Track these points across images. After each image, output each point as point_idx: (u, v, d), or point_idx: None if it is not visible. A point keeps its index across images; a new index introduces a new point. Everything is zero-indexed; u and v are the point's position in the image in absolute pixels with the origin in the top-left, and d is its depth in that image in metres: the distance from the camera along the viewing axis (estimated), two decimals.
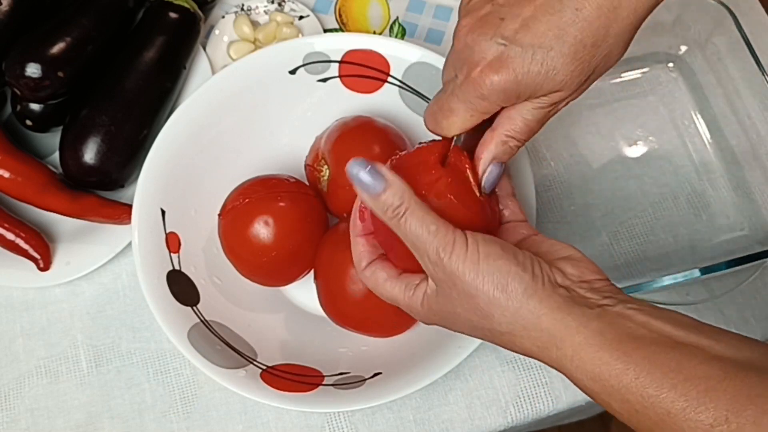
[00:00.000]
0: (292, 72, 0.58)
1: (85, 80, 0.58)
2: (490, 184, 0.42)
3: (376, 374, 0.51)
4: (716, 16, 0.59)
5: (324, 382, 0.51)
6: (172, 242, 0.54)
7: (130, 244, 0.57)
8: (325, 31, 0.68)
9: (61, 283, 0.59)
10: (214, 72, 0.64)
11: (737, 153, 0.62)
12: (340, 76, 0.58)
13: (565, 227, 0.61)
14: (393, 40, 0.57)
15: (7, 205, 0.60)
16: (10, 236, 0.57)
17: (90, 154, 0.57)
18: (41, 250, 0.58)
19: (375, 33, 0.69)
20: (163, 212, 0.54)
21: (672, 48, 0.65)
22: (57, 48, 0.56)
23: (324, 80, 0.58)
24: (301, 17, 0.68)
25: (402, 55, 0.57)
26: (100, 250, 0.59)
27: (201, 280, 0.54)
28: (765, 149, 0.59)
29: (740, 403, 0.31)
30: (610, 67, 0.39)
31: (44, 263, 0.58)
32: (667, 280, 0.52)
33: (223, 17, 0.68)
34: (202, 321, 0.52)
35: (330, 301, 0.53)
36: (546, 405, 0.57)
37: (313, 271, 0.54)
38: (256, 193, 0.53)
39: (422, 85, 0.57)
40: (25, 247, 0.57)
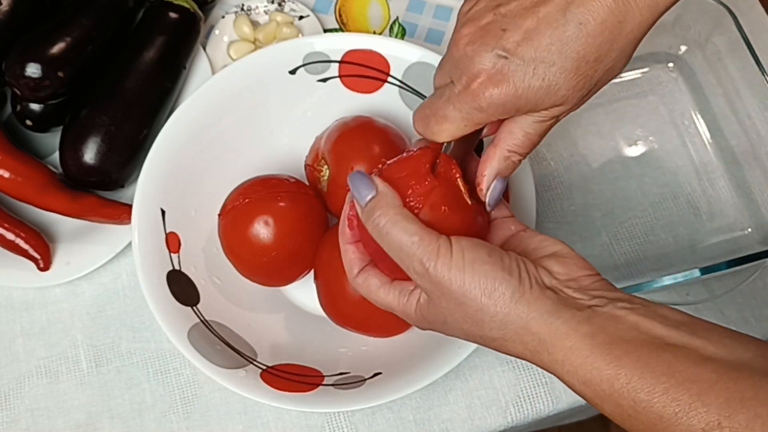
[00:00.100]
0: (292, 72, 0.58)
1: (85, 80, 0.58)
2: (494, 200, 0.41)
3: (376, 374, 0.51)
4: (716, 16, 0.59)
5: (324, 382, 0.51)
6: (172, 242, 0.54)
7: (130, 244, 0.57)
8: (325, 31, 0.68)
9: (61, 283, 0.59)
10: (214, 72, 0.64)
11: (737, 153, 0.62)
12: (340, 76, 0.58)
13: (565, 227, 0.61)
14: (393, 40, 0.57)
15: (7, 205, 0.60)
16: (10, 236, 0.57)
17: (90, 154, 0.57)
18: (41, 250, 0.58)
19: (375, 33, 0.69)
20: (163, 212, 0.54)
21: (672, 48, 0.65)
22: (57, 48, 0.56)
23: (324, 80, 0.58)
24: (301, 17, 0.68)
25: (402, 55, 0.57)
26: (100, 250, 0.59)
27: (201, 280, 0.54)
28: (765, 149, 0.59)
29: (732, 407, 0.31)
30: (611, 79, 0.38)
31: (44, 263, 0.58)
32: (667, 280, 0.52)
33: (223, 17, 0.68)
34: (202, 321, 0.52)
35: (330, 301, 0.53)
36: (546, 405, 0.57)
37: (313, 271, 0.54)
38: (256, 193, 0.53)
39: (422, 85, 0.57)
40: (25, 247, 0.57)
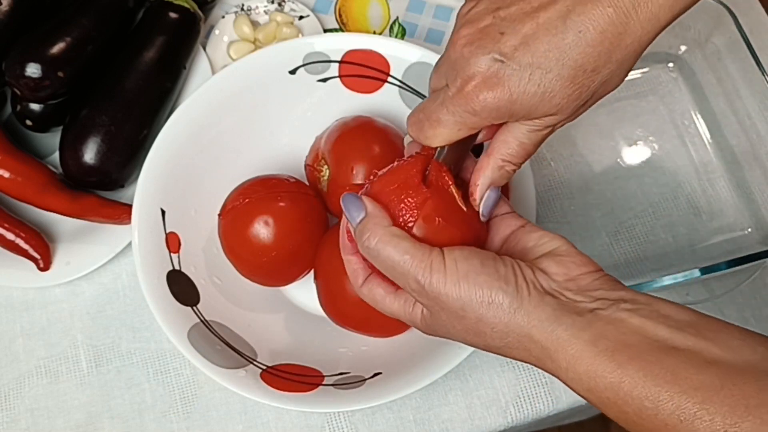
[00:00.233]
0: (292, 72, 0.58)
1: (85, 80, 0.58)
2: (488, 210, 0.41)
3: (376, 374, 0.51)
4: (716, 16, 0.59)
5: (324, 382, 0.51)
6: (172, 242, 0.54)
7: (130, 244, 0.57)
8: (325, 31, 0.68)
9: (61, 283, 0.59)
10: (214, 72, 0.64)
11: (737, 153, 0.62)
12: (340, 76, 0.58)
13: (565, 227, 0.61)
14: (393, 40, 0.57)
15: (7, 205, 0.60)
16: (10, 236, 0.57)
17: (90, 154, 0.57)
18: (41, 250, 0.58)
19: (375, 33, 0.69)
20: (163, 212, 0.54)
21: (672, 48, 0.65)
22: (57, 48, 0.56)
23: (324, 80, 0.58)
24: (301, 17, 0.68)
25: (402, 55, 0.57)
26: (100, 250, 0.59)
27: (201, 280, 0.54)
28: (765, 149, 0.59)
29: (738, 415, 0.30)
30: (608, 92, 0.38)
31: (44, 263, 0.58)
32: (667, 280, 0.52)
33: (223, 17, 0.68)
34: (202, 321, 0.52)
35: (330, 301, 0.53)
36: (546, 405, 0.57)
37: (313, 271, 0.54)
38: (256, 193, 0.53)
39: (422, 85, 0.57)
40: (25, 247, 0.57)
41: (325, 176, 0.55)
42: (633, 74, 0.66)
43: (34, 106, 0.59)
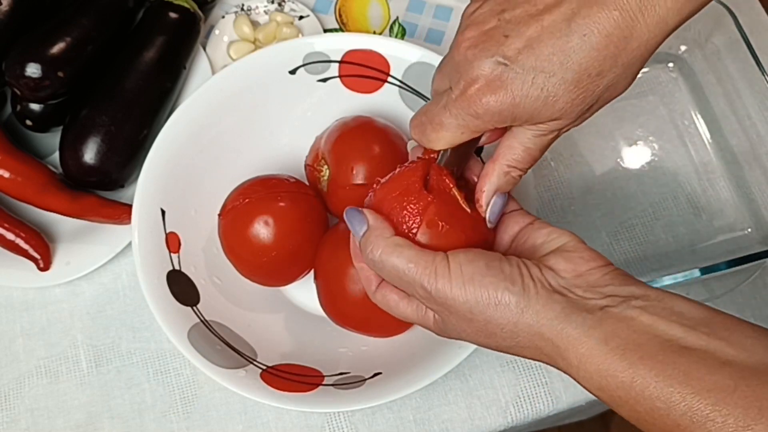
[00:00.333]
0: (292, 72, 0.58)
1: (85, 80, 0.58)
2: (495, 216, 0.41)
3: (376, 374, 0.51)
4: (716, 16, 0.59)
5: (324, 382, 0.51)
6: (172, 242, 0.54)
7: (130, 244, 0.57)
8: (325, 31, 0.68)
9: (61, 283, 0.59)
10: (214, 72, 0.64)
11: (737, 153, 0.62)
12: (340, 76, 0.58)
13: (565, 227, 0.60)
14: (393, 40, 0.57)
15: (7, 205, 0.60)
16: (10, 236, 0.57)
17: (90, 154, 0.57)
18: (41, 250, 0.58)
19: (375, 33, 0.69)
20: (163, 212, 0.54)
21: (672, 48, 0.65)
22: (57, 48, 0.56)
23: (324, 80, 0.58)
24: (301, 17, 0.68)
25: (402, 55, 0.57)
26: (100, 250, 0.59)
27: (201, 280, 0.54)
28: (765, 149, 0.59)
29: (751, 417, 0.30)
30: (615, 97, 0.37)
31: (44, 263, 0.58)
32: (667, 280, 0.52)
33: (223, 17, 0.68)
34: (202, 321, 0.52)
35: (330, 301, 0.53)
36: (546, 405, 0.57)
37: (313, 271, 0.54)
38: (256, 193, 0.53)
39: (422, 85, 0.57)
40: (25, 247, 0.57)
41: (325, 176, 0.55)
42: None
43: (34, 106, 0.59)
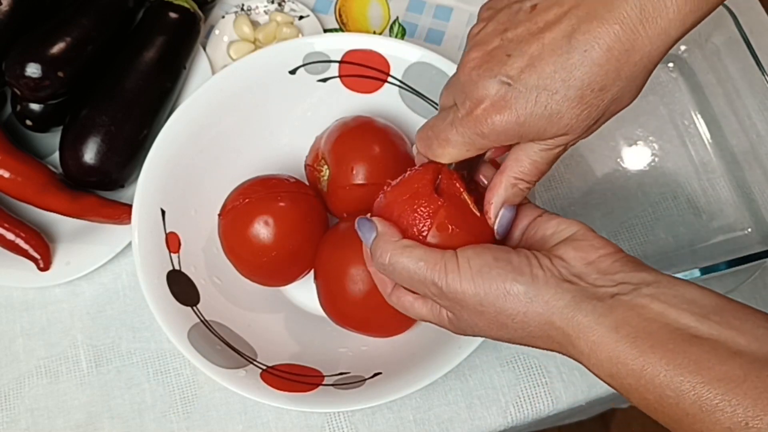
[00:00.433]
0: (292, 72, 0.58)
1: (85, 80, 0.58)
2: (503, 229, 0.41)
3: (376, 374, 0.51)
4: (716, 16, 0.59)
5: (324, 382, 0.51)
6: (172, 242, 0.54)
7: (130, 244, 0.57)
8: (325, 31, 0.68)
9: (61, 283, 0.59)
10: (214, 72, 0.64)
11: (737, 153, 0.62)
12: (340, 76, 0.58)
13: None
14: (393, 40, 0.57)
15: (7, 205, 0.60)
16: (10, 236, 0.57)
17: (90, 154, 0.57)
18: (41, 250, 0.58)
19: (375, 33, 0.69)
20: (163, 212, 0.54)
21: (672, 48, 0.65)
22: (57, 48, 0.56)
23: (324, 80, 0.58)
24: (301, 17, 0.68)
25: (402, 55, 0.57)
26: (100, 250, 0.59)
27: (201, 280, 0.54)
28: (765, 149, 0.59)
29: (760, 407, 0.30)
30: (621, 109, 0.37)
31: (44, 263, 0.58)
32: None
33: (223, 17, 0.68)
34: (202, 321, 0.52)
35: (330, 301, 0.53)
36: (546, 405, 0.57)
37: (313, 271, 0.54)
38: (256, 193, 0.53)
39: (422, 85, 0.57)
40: (25, 247, 0.57)
41: (325, 176, 0.55)
42: None
43: (34, 106, 0.59)
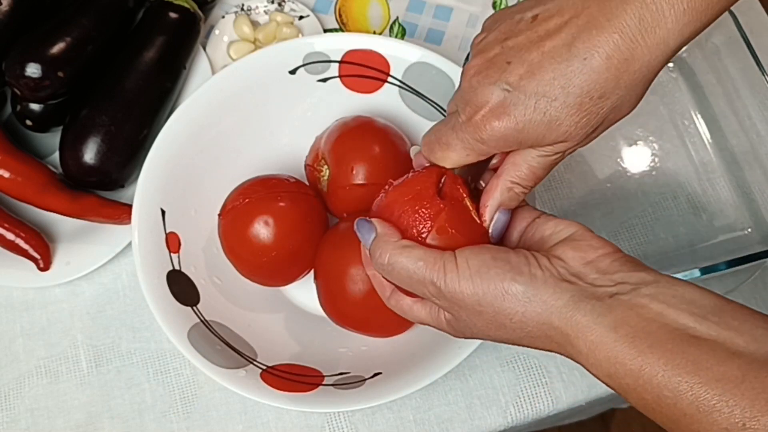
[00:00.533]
0: (292, 72, 0.58)
1: (85, 80, 0.58)
2: (498, 233, 0.41)
3: (376, 374, 0.51)
4: None
5: (324, 382, 0.51)
6: (172, 242, 0.54)
7: (130, 244, 0.57)
8: (325, 31, 0.68)
9: (61, 283, 0.59)
10: (214, 72, 0.64)
11: (737, 153, 0.62)
12: (340, 76, 0.58)
13: None
14: (393, 40, 0.57)
15: (7, 205, 0.60)
16: (10, 236, 0.57)
17: (90, 154, 0.57)
18: (41, 250, 0.58)
19: (375, 33, 0.69)
20: (163, 212, 0.54)
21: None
22: (57, 48, 0.56)
23: (324, 80, 0.58)
24: (301, 17, 0.68)
25: (402, 55, 0.57)
26: (100, 250, 0.59)
27: (201, 280, 0.54)
28: (765, 149, 0.59)
29: (758, 408, 0.30)
30: (621, 118, 0.38)
31: (44, 263, 0.58)
32: None
33: (223, 17, 0.68)
34: (202, 321, 0.52)
35: (330, 301, 0.53)
36: (546, 405, 0.57)
37: (313, 271, 0.54)
38: (256, 193, 0.53)
39: (422, 85, 0.57)
40: (25, 247, 0.57)
41: (325, 176, 0.55)
42: None
43: (34, 106, 0.59)
